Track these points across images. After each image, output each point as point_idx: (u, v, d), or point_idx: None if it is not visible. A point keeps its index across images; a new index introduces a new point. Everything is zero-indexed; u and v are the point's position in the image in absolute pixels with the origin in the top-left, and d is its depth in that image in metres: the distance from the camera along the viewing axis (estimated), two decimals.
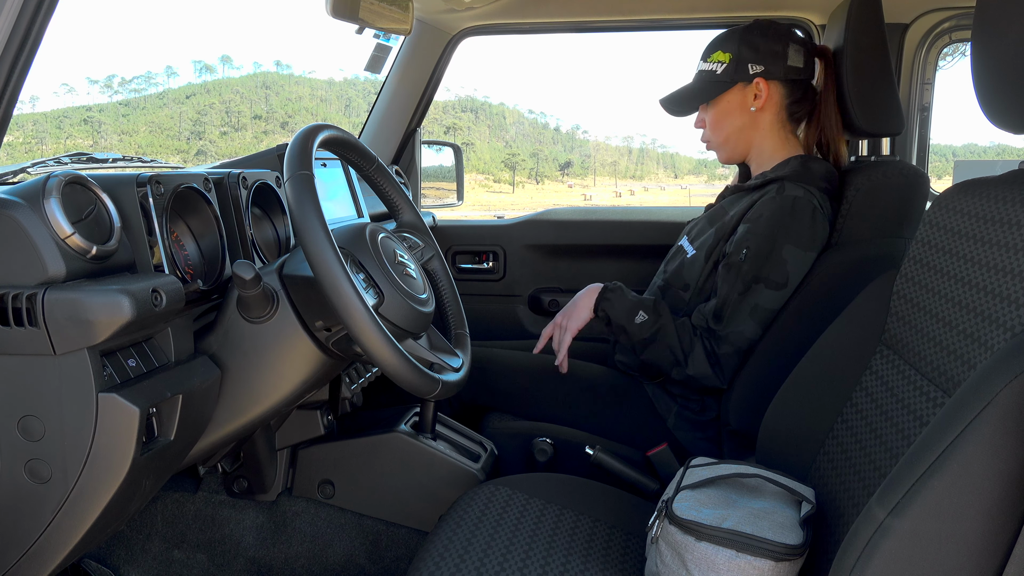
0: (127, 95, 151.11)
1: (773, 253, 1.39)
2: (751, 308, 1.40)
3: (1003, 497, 0.65)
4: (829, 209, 1.44)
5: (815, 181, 1.44)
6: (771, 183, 1.47)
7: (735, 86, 1.52)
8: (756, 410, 1.26)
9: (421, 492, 1.44)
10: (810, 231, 1.40)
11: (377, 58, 2.01)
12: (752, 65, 1.50)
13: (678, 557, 0.92)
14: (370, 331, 0.94)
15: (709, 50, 1.56)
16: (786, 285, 1.40)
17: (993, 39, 0.81)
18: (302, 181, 0.96)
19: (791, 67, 1.50)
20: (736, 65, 1.51)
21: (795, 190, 1.41)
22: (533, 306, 2.25)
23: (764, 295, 1.40)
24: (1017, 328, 0.76)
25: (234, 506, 1.47)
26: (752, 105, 1.52)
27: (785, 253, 1.39)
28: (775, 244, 1.39)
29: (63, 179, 0.87)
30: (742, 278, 1.41)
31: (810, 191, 1.41)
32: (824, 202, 1.43)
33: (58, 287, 0.84)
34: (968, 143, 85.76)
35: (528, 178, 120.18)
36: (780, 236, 1.39)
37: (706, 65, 1.56)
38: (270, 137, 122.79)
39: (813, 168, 1.47)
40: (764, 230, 1.41)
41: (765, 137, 1.54)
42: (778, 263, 1.39)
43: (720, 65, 1.53)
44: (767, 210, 1.42)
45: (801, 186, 1.42)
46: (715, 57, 1.54)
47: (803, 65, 1.50)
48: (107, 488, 0.89)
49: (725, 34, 1.55)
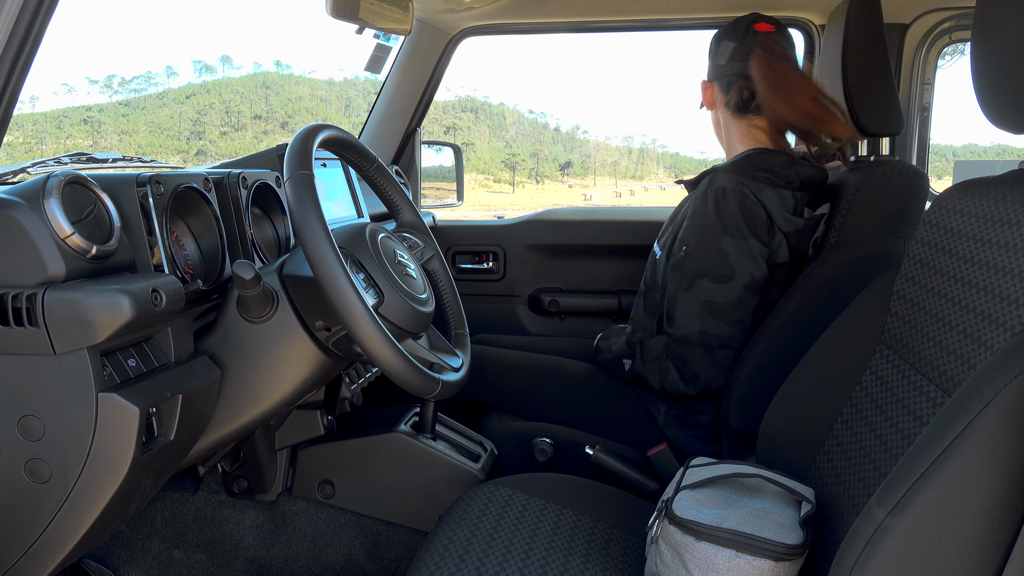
0: (127, 95, 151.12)
1: (711, 246, 1.41)
2: (702, 304, 1.41)
3: (1003, 497, 0.65)
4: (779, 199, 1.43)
5: (750, 172, 1.45)
6: (706, 176, 1.50)
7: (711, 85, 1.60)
8: (756, 410, 1.26)
9: (421, 492, 1.44)
10: (741, 219, 1.40)
11: (377, 58, 2.01)
12: (709, 67, 1.59)
13: (678, 557, 0.92)
14: (370, 331, 0.94)
15: None
16: (733, 277, 1.40)
17: (993, 39, 0.81)
18: (302, 181, 0.96)
19: (720, 66, 1.55)
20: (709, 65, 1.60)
21: (725, 181, 1.43)
22: (533, 306, 2.25)
23: (711, 290, 1.41)
24: (1017, 328, 0.76)
25: (234, 506, 1.47)
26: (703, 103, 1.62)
27: (724, 245, 1.40)
28: (711, 237, 1.41)
29: (63, 179, 0.87)
30: (685, 274, 1.43)
31: (741, 181, 1.43)
32: (761, 191, 1.42)
33: (58, 287, 0.84)
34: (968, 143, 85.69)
35: (528, 178, 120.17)
36: (713, 228, 1.41)
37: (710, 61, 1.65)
38: (270, 137, 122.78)
39: (757, 160, 1.47)
40: (698, 224, 1.43)
41: (730, 132, 1.59)
42: (718, 255, 1.41)
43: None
44: (699, 204, 1.45)
45: (732, 176, 1.44)
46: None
47: (726, 62, 1.54)
48: (107, 488, 0.89)
49: None
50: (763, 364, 1.39)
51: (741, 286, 1.41)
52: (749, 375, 1.40)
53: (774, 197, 1.43)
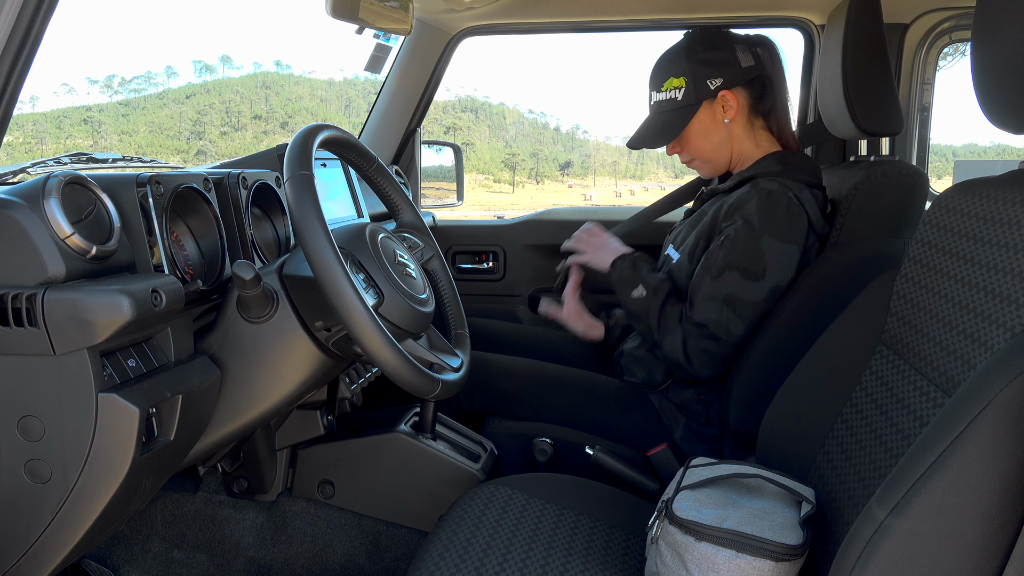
0: (127, 95, 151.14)
1: (750, 242, 1.39)
2: (725, 297, 1.39)
3: (1003, 497, 0.65)
4: (814, 200, 1.43)
5: (790, 174, 1.45)
6: (745, 182, 1.48)
7: (701, 106, 1.51)
8: (756, 410, 1.26)
9: (421, 492, 1.44)
10: (786, 222, 1.39)
11: (377, 58, 2.01)
12: (711, 80, 1.49)
13: (678, 557, 0.92)
14: (370, 331, 0.94)
15: (658, 79, 1.54)
16: (763, 277, 1.38)
17: (993, 39, 0.81)
18: (302, 181, 0.96)
19: (746, 68, 1.50)
20: (695, 85, 1.50)
21: (768, 184, 1.42)
22: (533, 306, 2.24)
23: (738, 284, 1.39)
24: (1017, 328, 0.76)
25: (234, 506, 1.47)
26: (725, 117, 1.52)
27: (763, 244, 1.38)
28: (752, 234, 1.39)
29: (63, 179, 0.87)
30: (716, 264, 1.41)
31: (784, 184, 1.42)
32: (802, 192, 1.42)
33: (58, 287, 0.84)
34: (968, 143, 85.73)
35: (528, 178, 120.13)
36: (756, 227, 1.39)
37: (663, 95, 1.53)
38: (270, 137, 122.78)
39: (789, 161, 1.47)
40: (740, 221, 1.41)
41: (742, 143, 1.55)
42: (754, 253, 1.39)
43: (678, 91, 1.51)
44: (742, 203, 1.42)
45: (775, 180, 1.43)
46: (669, 84, 1.52)
47: (755, 62, 1.51)
48: (107, 488, 0.89)
49: (668, 59, 1.53)
50: (763, 364, 1.39)
51: (768, 288, 1.39)
52: (749, 375, 1.40)
53: (810, 198, 1.43)
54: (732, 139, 1.54)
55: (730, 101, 1.50)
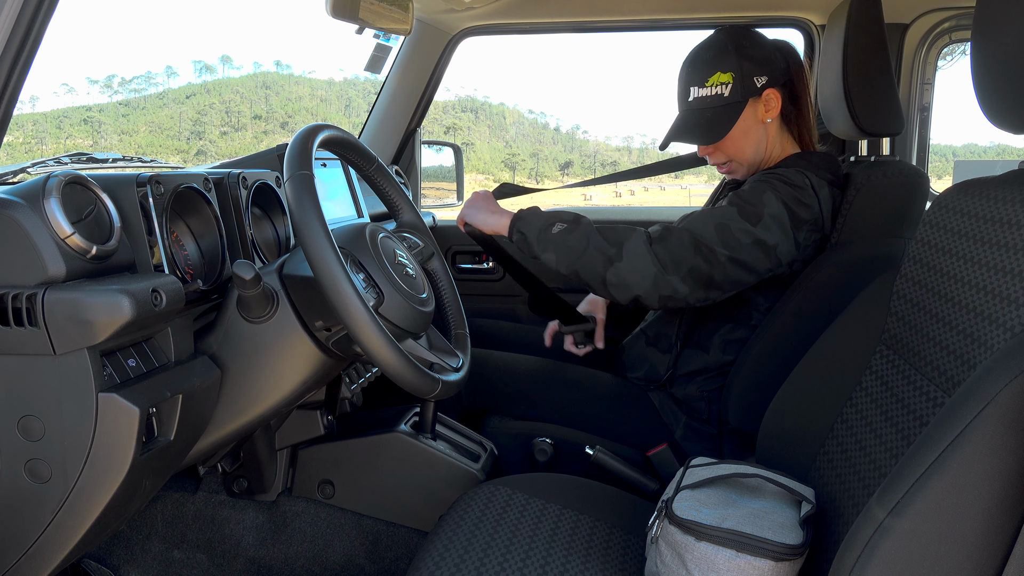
0: (127, 95, 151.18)
1: (756, 190, 1.38)
2: (717, 220, 1.35)
3: (1003, 497, 0.65)
4: (831, 198, 1.42)
5: (810, 168, 1.44)
6: None
7: (748, 103, 1.46)
8: (756, 410, 1.26)
9: (421, 492, 1.44)
10: (793, 193, 1.37)
11: (377, 58, 2.01)
12: (757, 77, 1.45)
13: (678, 557, 0.92)
14: (370, 331, 0.94)
15: (702, 73, 1.48)
16: (757, 224, 1.34)
17: (993, 39, 0.81)
18: (302, 181, 0.96)
19: (783, 69, 1.49)
20: (742, 81, 1.45)
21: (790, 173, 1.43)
22: (533, 306, 2.24)
23: (733, 217, 1.35)
24: (1017, 328, 0.76)
25: (234, 506, 1.47)
26: (767, 117, 1.48)
27: (766, 197, 1.37)
28: (759, 186, 1.39)
29: (63, 179, 0.87)
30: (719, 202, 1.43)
31: (805, 172, 1.42)
32: (815, 180, 1.41)
33: (58, 287, 0.84)
34: (968, 143, 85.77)
35: (528, 178, 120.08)
36: (766, 182, 1.39)
37: (706, 90, 1.47)
38: (270, 137, 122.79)
39: (812, 160, 1.47)
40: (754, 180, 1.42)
41: (775, 144, 1.52)
42: (756, 200, 1.36)
43: (725, 87, 1.45)
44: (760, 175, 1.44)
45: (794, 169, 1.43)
46: (716, 79, 1.46)
47: (786, 64, 1.50)
48: (107, 488, 0.89)
49: (713, 53, 1.47)
50: (763, 364, 1.39)
51: (755, 238, 1.34)
52: (749, 375, 1.40)
53: (828, 197, 1.42)
54: (768, 139, 1.51)
55: (773, 100, 1.46)
